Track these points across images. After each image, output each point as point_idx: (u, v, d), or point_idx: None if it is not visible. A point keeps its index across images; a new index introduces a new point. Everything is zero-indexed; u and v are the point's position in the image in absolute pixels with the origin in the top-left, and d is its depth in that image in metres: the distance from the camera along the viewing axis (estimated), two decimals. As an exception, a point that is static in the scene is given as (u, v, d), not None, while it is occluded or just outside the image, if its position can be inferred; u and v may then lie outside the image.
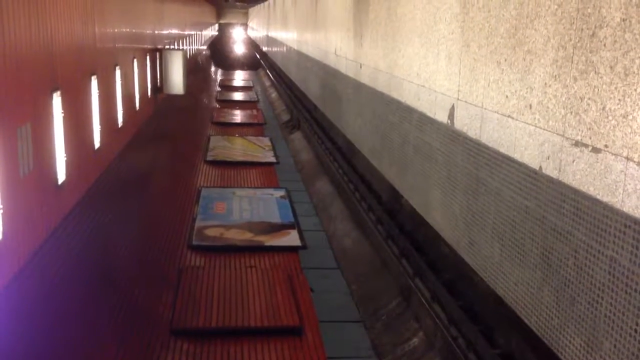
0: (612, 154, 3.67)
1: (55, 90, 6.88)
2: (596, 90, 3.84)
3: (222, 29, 67.97)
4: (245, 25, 69.37)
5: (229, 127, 26.51)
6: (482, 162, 5.48)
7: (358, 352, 9.21)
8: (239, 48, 67.08)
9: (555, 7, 4.31)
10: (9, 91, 5.59)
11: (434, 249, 8.60)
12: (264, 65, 46.42)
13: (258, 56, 54.19)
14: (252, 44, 61.12)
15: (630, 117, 3.53)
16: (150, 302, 10.06)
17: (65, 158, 7.20)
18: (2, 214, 5.22)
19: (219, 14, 66.95)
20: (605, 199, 3.74)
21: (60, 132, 7.05)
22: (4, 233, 5.24)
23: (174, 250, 12.46)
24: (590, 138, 3.89)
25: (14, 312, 5.63)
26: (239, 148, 22.50)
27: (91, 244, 8.70)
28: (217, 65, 53.87)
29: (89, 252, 8.50)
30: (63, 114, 7.09)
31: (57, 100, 6.92)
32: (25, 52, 6.04)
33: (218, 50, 60.03)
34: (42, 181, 6.47)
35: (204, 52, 42.21)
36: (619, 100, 3.62)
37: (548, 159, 4.38)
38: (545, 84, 4.43)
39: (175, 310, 9.83)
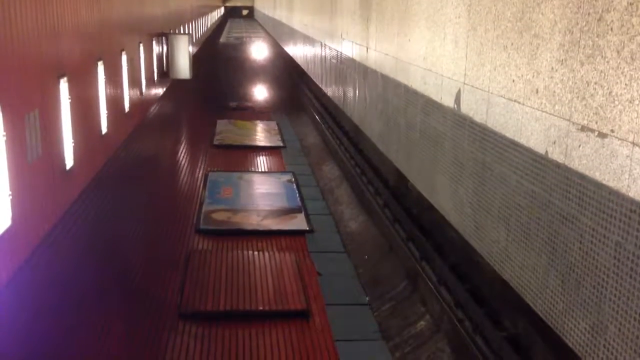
0: (618, 139, 3.67)
1: (62, 76, 6.89)
2: (603, 74, 3.83)
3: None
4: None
5: (235, 111, 26.47)
6: (488, 147, 5.48)
7: (365, 335, 9.27)
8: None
9: (562, -10, 4.28)
10: (16, 78, 5.61)
11: (440, 233, 8.63)
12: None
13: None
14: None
15: (636, 102, 3.52)
16: (158, 286, 10.14)
17: (73, 144, 7.23)
18: (10, 199, 5.26)
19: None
20: (610, 184, 3.74)
21: (68, 118, 7.08)
22: (12, 219, 5.28)
23: (182, 234, 12.53)
24: (597, 123, 3.88)
25: (24, 297, 5.69)
26: (246, 132, 22.49)
27: (99, 229, 8.76)
28: None
29: (97, 237, 8.56)
30: (70, 100, 7.11)
31: (64, 86, 6.95)
32: (32, 39, 6.05)
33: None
34: (50, 167, 6.51)
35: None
36: (626, 85, 3.61)
37: (554, 143, 4.38)
38: (552, 68, 4.42)
39: (183, 294, 9.91)
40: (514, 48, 5.01)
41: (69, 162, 7.13)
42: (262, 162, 18.87)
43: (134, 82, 11.91)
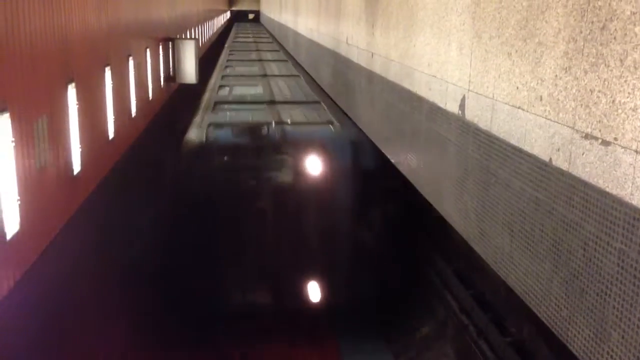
0: (622, 147, 3.69)
1: (70, 82, 6.96)
2: (606, 83, 3.85)
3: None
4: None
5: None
6: (492, 153, 5.50)
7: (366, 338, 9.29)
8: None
9: (566, -1, 4.31)
10: (25, 84, 5.67)
11: (445, 238, 8.64)
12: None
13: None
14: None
15: (639, 110, 3.54)
16: (163, 292, 10.17)
17: (80, 149, 7.29)
18: (19, 204, 5.31)
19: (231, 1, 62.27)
20: (614, 192, 3.76)
21: (76, 124, 7.14)
22: (20, 224, 5.34)
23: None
24: (600, 131, 3.90)
25: (31, 300, 5.74)
26: None
27: (106, 234, 8.81)
28: None
29: (104, 242, 8.60)
30: (78, 106, 7.17)
31: (72, 92, 7.01)
32: (41, 45, 6.11)
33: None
34: (58, 172, 6.57)
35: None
36: (629, 93, 3.63)
37: (558, 151, 4.40)
38: (556, 76, 4.44)
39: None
40: (518, 55, 5.03)
41: (77, 167, 7.19)
42: None
43: (141, 86, 11.89)
